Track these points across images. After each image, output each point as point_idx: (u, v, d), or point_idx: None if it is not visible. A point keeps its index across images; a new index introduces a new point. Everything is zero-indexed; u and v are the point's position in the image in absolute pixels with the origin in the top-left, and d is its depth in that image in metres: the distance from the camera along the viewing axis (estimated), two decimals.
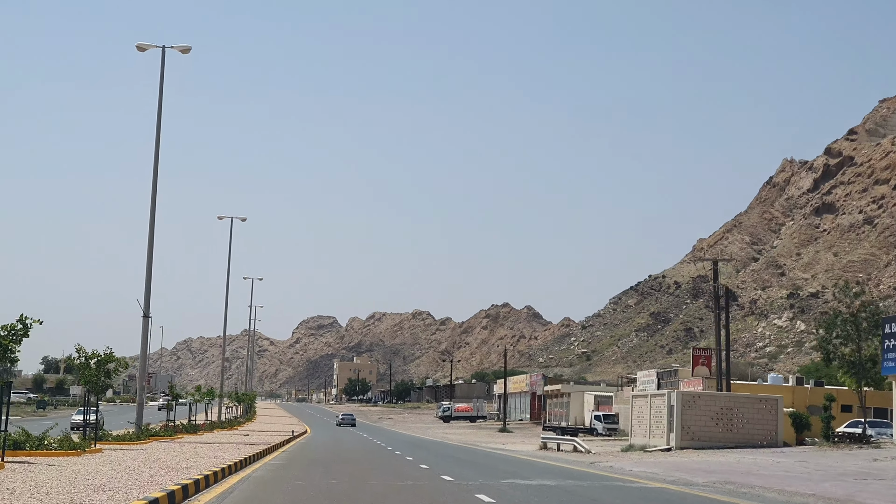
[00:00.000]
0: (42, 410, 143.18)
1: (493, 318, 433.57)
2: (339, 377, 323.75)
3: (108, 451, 38.53)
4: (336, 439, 75.28)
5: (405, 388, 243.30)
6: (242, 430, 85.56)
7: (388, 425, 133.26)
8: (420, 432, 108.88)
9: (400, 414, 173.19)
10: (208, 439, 57.21)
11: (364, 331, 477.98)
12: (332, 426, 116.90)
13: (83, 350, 39.39)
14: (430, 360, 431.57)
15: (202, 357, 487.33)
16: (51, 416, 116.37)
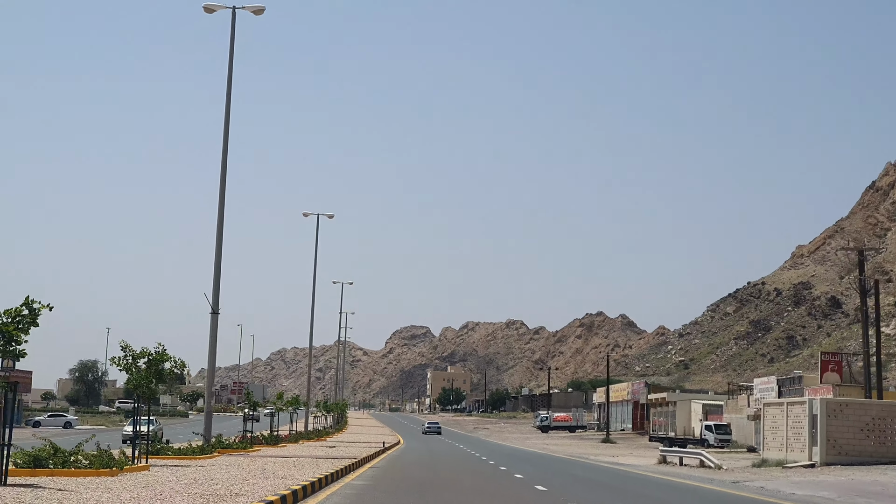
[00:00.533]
0: (129, 419, 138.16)
1: (588, 327, 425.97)
2: (432, 387, 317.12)
3: (158, 467, 31.67)
4: (431, 452, 68.11)
5: (500, 398, 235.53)
6: (330, 441, 78.83)
7: (484, 435, 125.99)
8: (519, 443, 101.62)
9: (496, 424, 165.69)
10: (288, 452, 50.36)
11: (457, 340, 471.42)
12: (426, 438, 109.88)
13: (129, 348, 32.55)
14: (524, 369, 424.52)
15: (296, 367, 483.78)
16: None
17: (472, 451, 73.45)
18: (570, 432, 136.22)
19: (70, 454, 27.46)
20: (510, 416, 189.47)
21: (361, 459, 44.22)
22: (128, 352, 32.67)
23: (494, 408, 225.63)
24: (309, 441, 74.80)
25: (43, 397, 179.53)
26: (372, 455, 51.87)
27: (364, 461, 44.85)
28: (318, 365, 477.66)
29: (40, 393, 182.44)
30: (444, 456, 61.35)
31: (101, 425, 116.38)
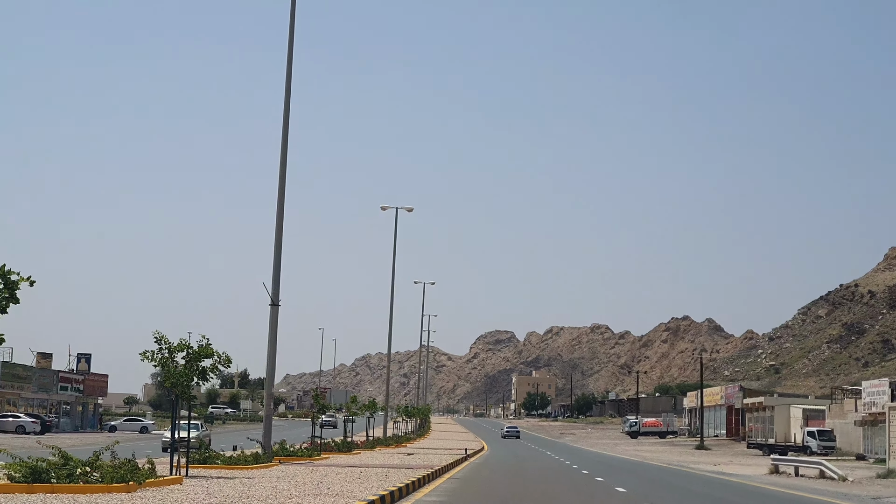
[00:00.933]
0: (209, 425, 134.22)
1: (673, 332, 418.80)
2: (517, 392, 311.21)
3: (196, 479, 26.61)
4: (518, 458, 62.66)
5: (586, 403, 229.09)
6: (409, 447, 73.65)
7: (570, 441, 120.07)
8: (609, 449, 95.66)
9: (582, 429, 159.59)
10: (358, 461, 45.17)
11: (542, 345, 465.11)
12: (511, 444, 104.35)
13: (165, 340, 27.53)
14: (609, 374, 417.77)
15: (381, 373, 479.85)
16: (228, 431, 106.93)
17: (561, 458, 67.88)
18: (660, 438, 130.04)
19: (82, 465, 22.44)
20: (596, 422, 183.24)
21: (439, 469, 38.92)
22: (163, 344, 27.62)
23: (580, 413, 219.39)
24: (386, 447, 69.76)
25: (126, 401, 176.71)
26: (452, 463, 46.55)
27: (442, 471, 39.56)
28: (402, 370, 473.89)
29: (123, 397, 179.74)
30: (532, 464, 55.89)
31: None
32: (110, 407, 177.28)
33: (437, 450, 68.33)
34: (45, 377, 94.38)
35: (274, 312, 39.60)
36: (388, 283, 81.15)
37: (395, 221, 78.93)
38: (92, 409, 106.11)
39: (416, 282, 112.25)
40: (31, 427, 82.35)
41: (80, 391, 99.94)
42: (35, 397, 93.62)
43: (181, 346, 27.73)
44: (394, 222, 78.92)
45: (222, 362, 28.14)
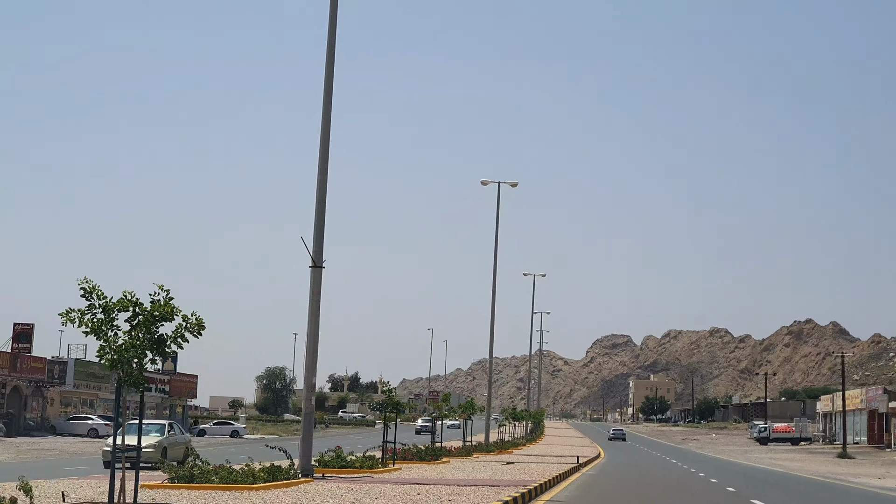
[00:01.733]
0: (321, 426, 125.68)
1: (796, 335, 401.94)
2: (635, 396, 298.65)
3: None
4: (640, 469, 52.06)
5: (708, 407, 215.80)
6: (514, 454, 63.54)
7: (695, 447, 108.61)
8: (740, 457, 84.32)
9: (706, 434, 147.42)
10: (436, 473, 35.15)
11: (659, 349, 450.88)
12: (630, 450, 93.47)
13: (97, 292, 17.62)
14: (729, 379, 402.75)
15: (497, 377, 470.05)
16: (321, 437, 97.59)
17: (690, 467, 57.10)
18: (792, 444, 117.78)
19: None
20: (720, 427, 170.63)
21: (536, 487, 28.52)
22: (95, 300, 17.61)
23: (702, 417, 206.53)
24: (486, 455, 59.67)
25: (231, 405, 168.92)
26: (558, 476, 36.27)
27: (542, 488, 29.23)
28: (518, 375, 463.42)
29: (228, 401, 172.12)
30: (659, 475, 45.38)
31: (273, 434, 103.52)
32: (216, 410, 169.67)
33: (545, 457, 58.00)
34: None
35: (315, 275, 29.61)
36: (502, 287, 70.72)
37: (498, 195, 68.65)
38: (181, 412, 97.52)
39: (526, 273, 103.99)
40: (105, 430, 74.02)
41: (165, 392, 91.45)
42: (112, 398, 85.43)
43: (125, 304, 17.62)
44: (496, 196, 68.81)
45: (190, 328, 17.96)
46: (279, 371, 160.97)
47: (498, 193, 68.44)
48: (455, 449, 56.62)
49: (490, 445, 66.27)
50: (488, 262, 71.56)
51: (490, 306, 69.07)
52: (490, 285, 69.55)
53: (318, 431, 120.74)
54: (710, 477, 45.94)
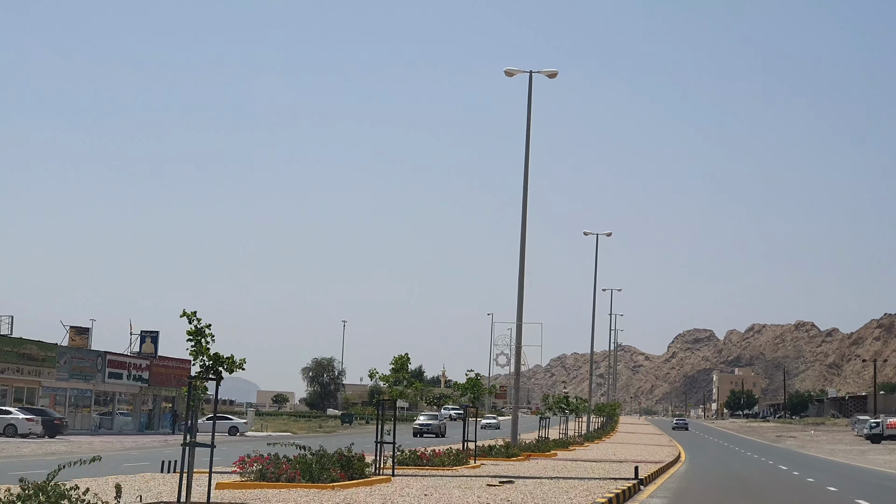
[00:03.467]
0: (348, 425, 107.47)
1: (887, 329, 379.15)
2: (719, 391, 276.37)
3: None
4: (738, 479, 33.83)
5: (801, 401, 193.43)
6: (572, 453, 48.17)
7: (795, 446, 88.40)
8: (858, 459, 64.64)
9: (803, 431, 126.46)
10: (460, 481, 25.50)
11: (743, 344, 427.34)
12: (716, 449, 74.01)
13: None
14: (816, 374, 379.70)
15: (576, 374, 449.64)
16: (339, 434, 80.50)
17: (806, 475, 38.75)
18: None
19: None
20: (817, 422, 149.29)
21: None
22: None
23: (793, 413, 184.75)
24: (538, 455, 44.42)
25: (274, 400, 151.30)
26: (625, 492, 18.88)
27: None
28: (598, 370, 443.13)
29: (271, 395, 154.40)
30: (767, 491, 26.75)
31: (286, 431, 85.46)
32: (262, 406, 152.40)
33: (607, 461, 40.38)
34: (82, 360, 67.87)
35: None
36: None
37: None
38: (171, 406, 78.62)
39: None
40: (26, 428, 55.85)
41: (143, 380, 73.02)
42: (68, 387, 67.39)
43: None
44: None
45: None
46: (327, 362, 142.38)
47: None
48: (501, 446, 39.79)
49: (544, 444, 49.31)
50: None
51: (518, 271, 51.16)
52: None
53: (350, 427, 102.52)
54: (851, 496, 27.00)
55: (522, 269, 46.33)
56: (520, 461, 38.22)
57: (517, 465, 37.28)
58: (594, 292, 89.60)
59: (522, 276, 45.86)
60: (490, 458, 39.80)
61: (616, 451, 53.82)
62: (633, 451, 54.99)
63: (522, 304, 43.13)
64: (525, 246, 46.51)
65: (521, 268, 46.28)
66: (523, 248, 44.21)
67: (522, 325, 40.76)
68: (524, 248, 45.08)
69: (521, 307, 42.17)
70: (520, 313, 42.59)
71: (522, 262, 46.01)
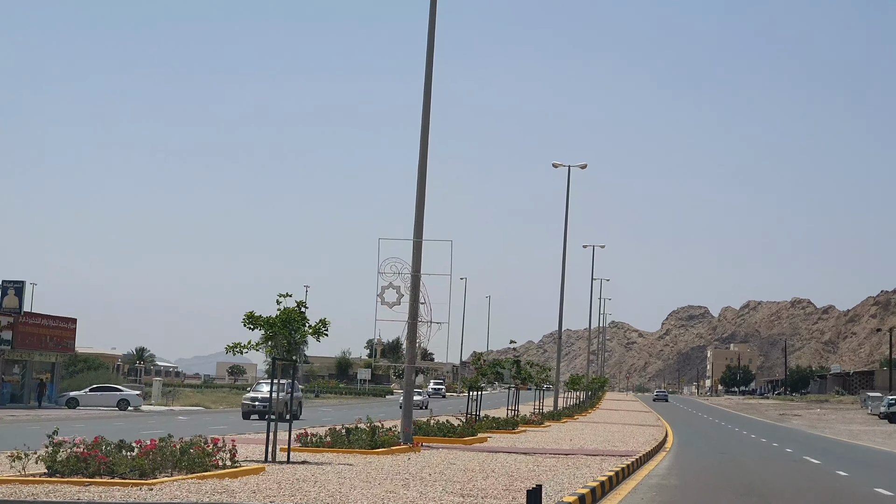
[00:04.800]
0: None
1: (883, 306, 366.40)
2: (713, 366, 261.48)
3: None
4: (744, 474, 18.81)
5: (801, 378, 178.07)
6: (526, 435, 36.99)
7: (804, 426, 73.96)
8: (886, 442, 50.48)
9: (807, 409, 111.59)
10: None
11: (738, 321, 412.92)
12: (712, 430, 59.57)
13: None
14: (812, 351, 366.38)
15: (569, 350, 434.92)
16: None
17: (839, 469, 24.31)
18: None
19: None
20: (821, 400, 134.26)
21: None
22: None
23: (794, 389, 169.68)
24: (500, 433, 37.47)
25: (229, 372, 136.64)
26: None
27: None
28: (592, 347, 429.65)
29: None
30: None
31: (200, 405, 71.05)
32: (222, 377, 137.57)
33: (566, 450, 27.23)
34: None
35: None
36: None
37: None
38: (50, 375, 62.82)
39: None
40: None
41: (6, 343, 57.50)
42: None
43: None
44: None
45: None
46: None
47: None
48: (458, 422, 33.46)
49: (513, 421, 41.33)
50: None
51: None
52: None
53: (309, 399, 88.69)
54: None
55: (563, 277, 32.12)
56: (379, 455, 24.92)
57: None
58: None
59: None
60: None
61: (577, 434, 39.05)
62: (601, 434, 40.22)
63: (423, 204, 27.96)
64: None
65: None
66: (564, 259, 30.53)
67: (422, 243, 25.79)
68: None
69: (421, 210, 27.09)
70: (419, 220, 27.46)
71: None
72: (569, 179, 63.61)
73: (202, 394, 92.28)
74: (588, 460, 24.21)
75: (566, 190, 63.43)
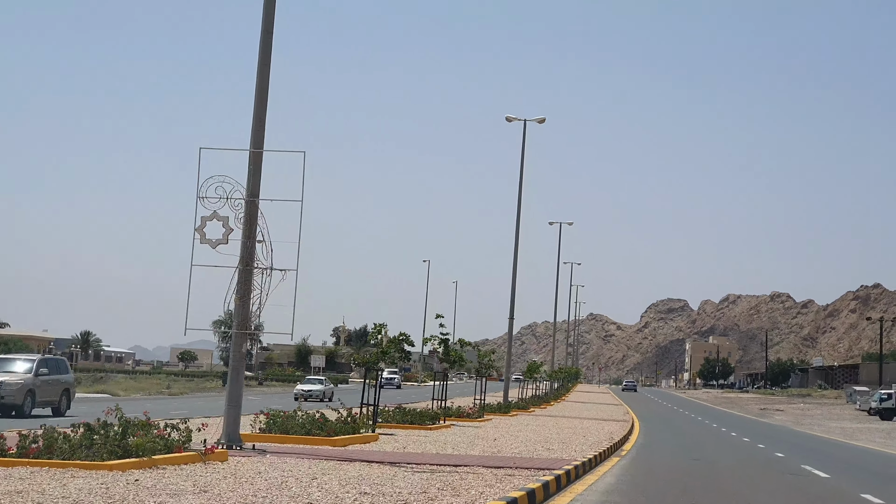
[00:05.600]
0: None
1: (863, 301, 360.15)
2: (692, 359, 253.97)
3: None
4: (721, 487, 10.76)
5: (782, 371, 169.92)
6: (460, 430, 30.01)
7: (787, 422, 66.27)
8: (885, 443, 42.78)
9: (789, 403, 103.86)
10: None
11: (717, 314, 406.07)
12: (688, 426, 51.68)
13: None
14: (791, 345, 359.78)
15: (547, 342, 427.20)
16: (192, 396, 60.19)
17: (854, 485, 15.86)
18: None
19: None
20: (803, 394, 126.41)
21: None
22: None
23: (774, 383, 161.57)
24: (464, 420, 35.13)
25: (180, 358, 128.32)
26: None
27: None
28: (569, 339, 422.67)
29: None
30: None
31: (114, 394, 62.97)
32: (175, 364, 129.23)
33: (429, 466, 18.72)
34: None
35: None
36: None
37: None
38: None
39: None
40: None
41: None
42: None
43: None
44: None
45: None
46: None
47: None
48: None
49: (472, 412, 37.21)
50: None
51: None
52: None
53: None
54: None
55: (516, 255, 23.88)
56: None
57: None
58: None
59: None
60: None
61: (512, 432, 31.01)
62: (545, 432, 32.30)
63: None
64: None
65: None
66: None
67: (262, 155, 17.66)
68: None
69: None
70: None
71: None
72: (524, 134, 57.20)
73: (135, 380, 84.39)
74: (473, 479, 15.97)
75: (521, 147, 56.32)
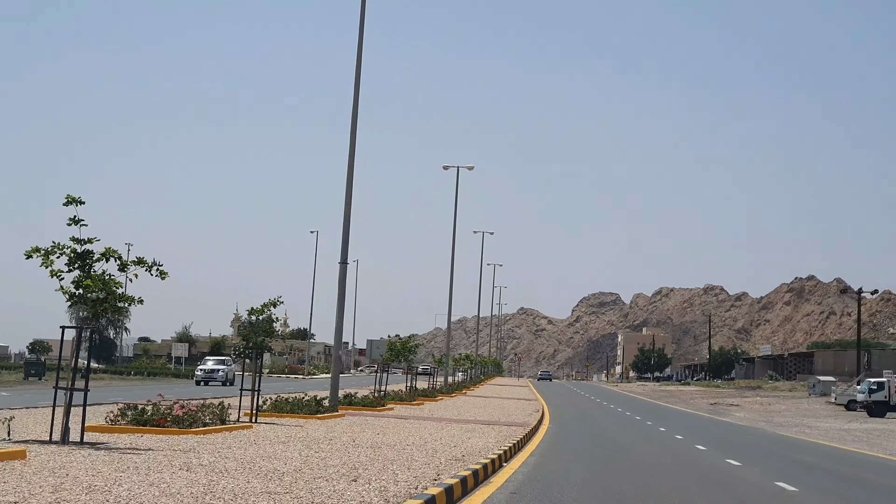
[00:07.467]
0: (35, 379, 68.68)
1: (797, 293, 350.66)
2: (625, 351, 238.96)
3: None
4: None
5: (726, 361, 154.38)
6: None
7: (755, 421, 49.92)
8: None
9: (741, 396, 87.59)
10: None
11: (650, 308, 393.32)
12: (621, 434, 34.73)
13: None
14: (725, 338, 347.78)
15: (477, 337, 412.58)
16: None
17: None
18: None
19: None
20: (752, 386, 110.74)
21: None
22: None
23: (716, 374, 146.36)
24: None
25: (30, 349, 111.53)
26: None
27: None
28: (499, 334, 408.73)
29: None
30: None
31: None
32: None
33: None
34: None
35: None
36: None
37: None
38: None
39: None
40: None
41: None
42: None
43: None
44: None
45: None
46: None
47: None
48: None
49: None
50: None
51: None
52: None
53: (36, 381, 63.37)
54: None
55: None
56: None
57: None
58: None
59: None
60: None
61: (424, 433, 13.82)
62: (452, 421, 14.91)
63: None
64: None
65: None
66: None
67: None
68: None
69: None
70: None
71: None
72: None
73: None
74: None
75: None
